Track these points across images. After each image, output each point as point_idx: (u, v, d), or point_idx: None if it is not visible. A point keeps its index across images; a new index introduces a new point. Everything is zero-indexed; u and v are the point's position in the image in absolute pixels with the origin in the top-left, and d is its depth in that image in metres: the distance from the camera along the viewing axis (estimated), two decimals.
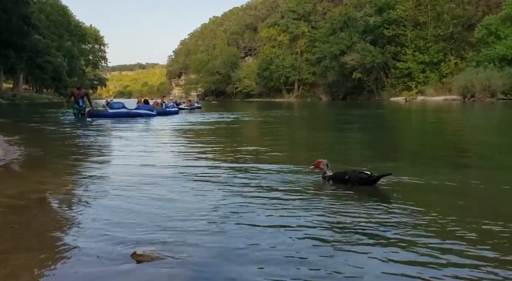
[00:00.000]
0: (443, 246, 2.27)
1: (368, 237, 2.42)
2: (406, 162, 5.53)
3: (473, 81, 32.97)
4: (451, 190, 3.59)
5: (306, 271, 1.99)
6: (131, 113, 15.53)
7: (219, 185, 3.85)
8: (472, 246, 2.27)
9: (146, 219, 2.81)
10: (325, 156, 4.17)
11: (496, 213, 2.92)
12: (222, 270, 2.00)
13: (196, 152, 6.39)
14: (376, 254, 2.17)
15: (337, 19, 56.16)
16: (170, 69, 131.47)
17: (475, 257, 2.13)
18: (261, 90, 72.20)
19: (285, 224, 2.67)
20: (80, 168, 4.91)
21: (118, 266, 2.06)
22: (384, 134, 10.25)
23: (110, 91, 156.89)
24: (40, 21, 50.36)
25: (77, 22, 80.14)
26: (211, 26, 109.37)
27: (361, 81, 49.32)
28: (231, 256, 2.17)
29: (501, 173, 4.47)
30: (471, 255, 2.15)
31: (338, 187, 3.71)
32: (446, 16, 42.75)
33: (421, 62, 42.91)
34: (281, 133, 10.81)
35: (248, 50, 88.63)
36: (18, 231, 2.60)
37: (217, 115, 18.57)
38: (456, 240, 2.36)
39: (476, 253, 2.18)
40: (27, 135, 9.47)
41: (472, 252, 2.19)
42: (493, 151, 6.63)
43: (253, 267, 2.04)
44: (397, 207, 3.05)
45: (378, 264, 2.06)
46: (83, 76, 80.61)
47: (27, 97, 48.04)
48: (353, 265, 2.04)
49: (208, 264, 2.07)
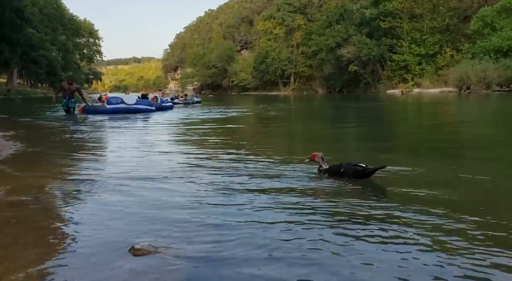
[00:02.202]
0: (439, 239, 2.29)
1: (362, 232, 2.43)
2: (402, 155, 5.55)
3: (468, 73, 33.04)
4: (447, 182, 3.61)
5: (304, 267, 2.01)
6: (130, 108, 14.69)
7: (218, 180, 3.85)
8: (469, 239, 2.29)
9: (144, 214, 2.81)
10: (321, 148, 4.18)
11: (492, 205, 2.95)
12: (219, 265, 2.02)
13: (194, 147, 6.39)
14: (370, 249, 2.19)
15: (333, 11, 55.93)
16: (165, 63, 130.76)
17: (472, 250, 2.15)
18: (257, 84, 72.02)
19: (282, 219, 2.69)
20: (77, 164, 4.90)
21: (116, 261, 2.07)
22: (380, 126, 10.28)
23: (105, 85, 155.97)
24: (33, 14, 49.92)
25: (71, 15, 79.51)
26: (206, 19, 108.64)
27: (357, 73, 49.28)
28: (228, 251, 2.19)
29: (496, 165, 4.51)
30: (468, 250, 2.17)
31: (333, 180, 3.73)
32: (442, 8, 42.71)
33: (417, 54, 42.94)
34: (277, 125, 10.82)
35: (244, 44, 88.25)
36: (15, 226, 2.60)
37: (217, 109, 18.52)
38: (452, 234, 2.39)
39: (472, 245, 2.20)
40: (23, 130, 9.42)
41: (468, 245, 2.22)
42: (489, 143, 6.67)
43: (250, 262, 2.05)
44: (393, 200, 3.07)
45: (373, 259, 2.08)
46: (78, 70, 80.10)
47: (22, 92, 47.70)
48: (348, 261, 2.06)
49: (205, 258, 2.09)
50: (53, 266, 2.03)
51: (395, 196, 3.19)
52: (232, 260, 2.05)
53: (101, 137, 8.21)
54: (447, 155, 5.34)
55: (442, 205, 2.86)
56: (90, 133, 8.64)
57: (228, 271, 1.94)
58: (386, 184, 3.58)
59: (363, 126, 10.24)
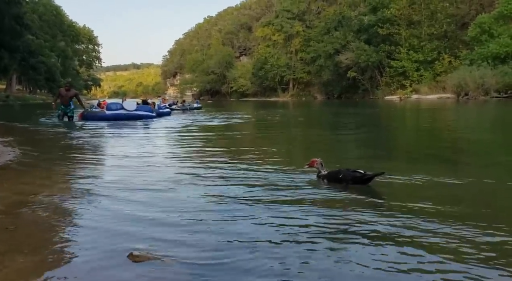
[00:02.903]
0: (438, 245, 2.29)
1: (361, 238, 2.44)
2: (401, 161, 5.56)
3: (466, 79, 33.14)
4: (445, 189, 3.62)
5: (302, 270, 2.01)
6: (131, 115, 14.34)
7: (216, 186, 3.85)
8: (467, 245, 2.29)
9: (143, 220, 2.81)
10: (320, 155, 4.18)
11: (490, 211, 2.95)
12: (218, 271, 2.01)
13: (194, 154, 6.39)
14: (367, 255, 2.19)
15: (332, 18, 56.18)
16: (165, 69, 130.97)
17: (471, 256, 2.15)
18: (256, 90, 72.13)
19: (281, 223, 2.69)
20: (75, 171, 4.90)
21: (115, 267, 2.06)
22: (378, 133, 10.29)
23: (104, 92, 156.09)
24: (33, 21, 50.02)
25: (70, 22, 79.68)
26: (205, 25, 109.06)
27: (355, 80, 49.40)
28: (227, 257, 2.18)
29: (495, 171, 4.51)
30: (467, 255, 2.17)
31: (332, 186, 3.73)
32: (440, 14, 42.93)
33: (415, 61, 43.05)
34: (277, 132, 10.82)
35: (243, 50, 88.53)
36: (12, 233, 2.59)
37: (215, 116, 18.53)
38: (450, 238, 2.39)
39: (471, 251, 2.20)
40: (21, 136, 9.40)
41: (467, 251, 2.22)
42: (487, 149, 6.69)
43: (250, 267, 2.05)
44: (391, 207, 3.08)
45: (370, 264, 2.07)
46: (77, 76, 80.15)
47: (21, 98, 47.68)
48: (345, 267, 2.06)
49: (204, 265, 2.08)
50: (51, 274, 2.02)
51: (393, 202, 3.18)
52: (231, 266, 2.05)
53: (100, 144, 8.20)
54: (445, 161, 5.35)
55: (440, 212, 2.86)
56: (89, 140, 8.63)
57: (227, 277, 1.94)
58: (384, 191, 3.58)
59: (362, 132, 10.26)
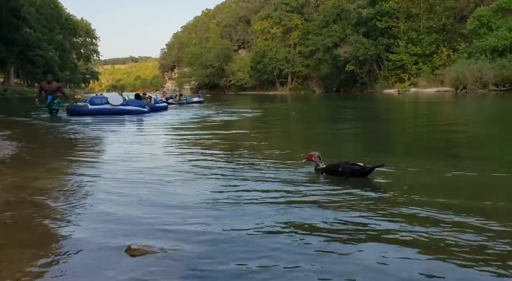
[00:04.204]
0: (437, 238, 2.30)
1: (361, 231, 2.44)
2: (399, 154, 5.57)
3: (465, 72, 33.12)
4: (444, 181, 3.62)
5: (302, 266, 2.01)
6: (116, 110, 13.55)
7: (214, 180, 3.86)
8: (466, 239, 2.30)
9: (140, 214, 2.81)
10: (319, 149, 4.17)
11: (488, 205, 2.96)
12: (215, 264, 2.02)
13: (189, 149, 6.38)
14: (369, 249, 2.20)
15: (330, 11, 55.91)
16: (163, 62, 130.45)
17: (471, 251, 2.16)
18: (254, 83, 71.95)
19: (279, 219, 2.69)
20: (73, 165, 4.89)
21: (112, 261, 2.07)
22: (377, 126, 10.30)
23: (102, 85, 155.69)
24: (30, 14, 49.75)
25: (68, 15, 79.25)
26: (204, 18, 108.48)
27: (354, 73, 49.31)
28: (225, 250, 2.19)
29: (493, 164, 4.52)
30: (467, 250, 2.18)
31: (331, 179, 3.74)
32: (439, 7, 42.77)
33: (413, 54, 42.97)
34: (274, 125, 10.82)
35: (241, 43, 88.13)
36: (11, 227, 2.59)
37: (214, 110, 18.48)
38: (450, 231, 2.40)
39: (470, 245, 2.21)
40: (19, 130, 9.38)
41: (467, 246, 2.23)
42: (485, 142, 6.70)
43: (247, 261, 2.05)
44: (390, 200, 3.08)
45: (372, 259, 2.08)
46: (75, 69, 79.89)
47: (18, 91, 47.53)
48: (346, 261, 2.07)
49: (202, 258, 2.09)
50: (50, 267, 2.02)
51: (393, 195, 3.19)
52: (229, 260, 2.05)
53: (97, 138, 8.18)
54: (444, 154, 5.35)
55: (439, 204, 2.86)
56: (86, 134, 8.61)
57: (225, 271, 1.94)
58: (383, 183, 3.59)
59: (360, 126, 10.26)
